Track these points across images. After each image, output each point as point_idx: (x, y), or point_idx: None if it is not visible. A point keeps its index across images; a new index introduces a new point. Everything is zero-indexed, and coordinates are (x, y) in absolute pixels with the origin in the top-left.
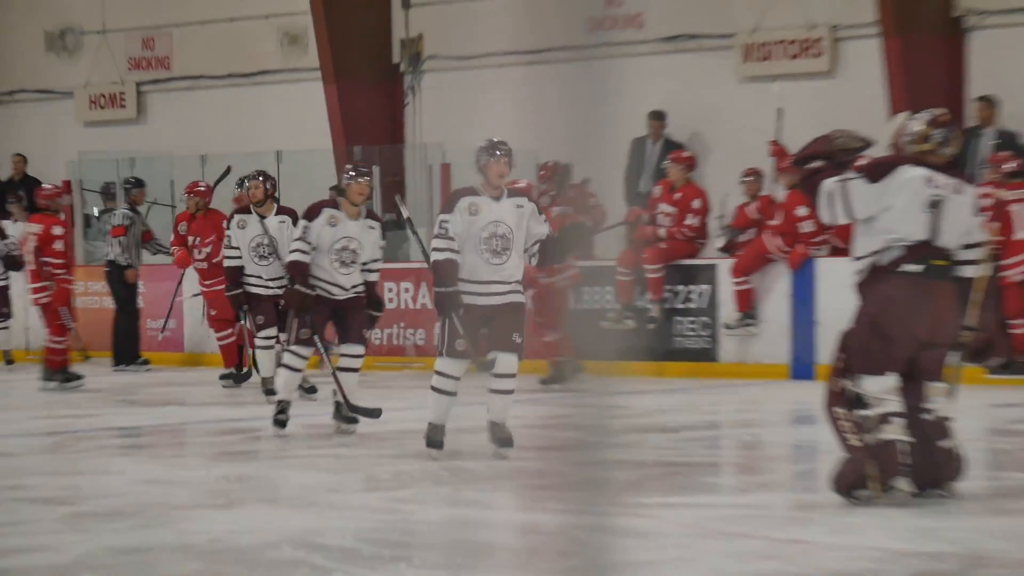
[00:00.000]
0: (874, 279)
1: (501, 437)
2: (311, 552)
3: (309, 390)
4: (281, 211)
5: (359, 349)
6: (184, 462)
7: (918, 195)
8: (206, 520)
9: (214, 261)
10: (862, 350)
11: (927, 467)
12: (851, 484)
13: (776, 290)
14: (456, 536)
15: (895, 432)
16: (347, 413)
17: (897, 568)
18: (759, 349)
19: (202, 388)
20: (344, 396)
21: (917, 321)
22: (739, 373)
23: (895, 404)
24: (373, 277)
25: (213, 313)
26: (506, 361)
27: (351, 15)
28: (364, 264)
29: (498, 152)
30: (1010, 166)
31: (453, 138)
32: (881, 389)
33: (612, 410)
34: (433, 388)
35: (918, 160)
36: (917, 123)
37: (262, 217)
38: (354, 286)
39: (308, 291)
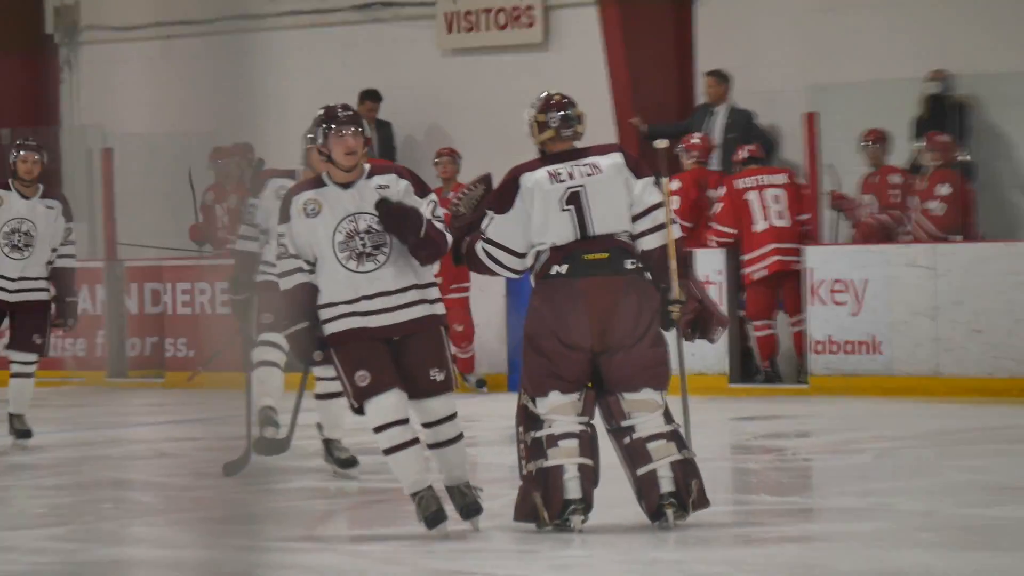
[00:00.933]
0: (534, 288)
1: (464, 504)
2: None
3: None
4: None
5: (29, 356)
6: None
7: (549, 197)
8: None
9: None
10: (524, 369)
11: (642, 492)
12: (524, 515)
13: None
14: None
15: (562, 456)
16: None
17: None
18: None
19: None
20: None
21: (570, 327)
22: None
23: (567, 423)
24: (66, 264)
25: None
26: (431, 408)
27: None
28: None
29: (342, 122)
30: (743, 154)
31: (116, 120)
32: (549, 408)
33: None
34: (385, 452)
35: (541, 157)
36: (528, 112)
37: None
38: (28, 278)
39: None
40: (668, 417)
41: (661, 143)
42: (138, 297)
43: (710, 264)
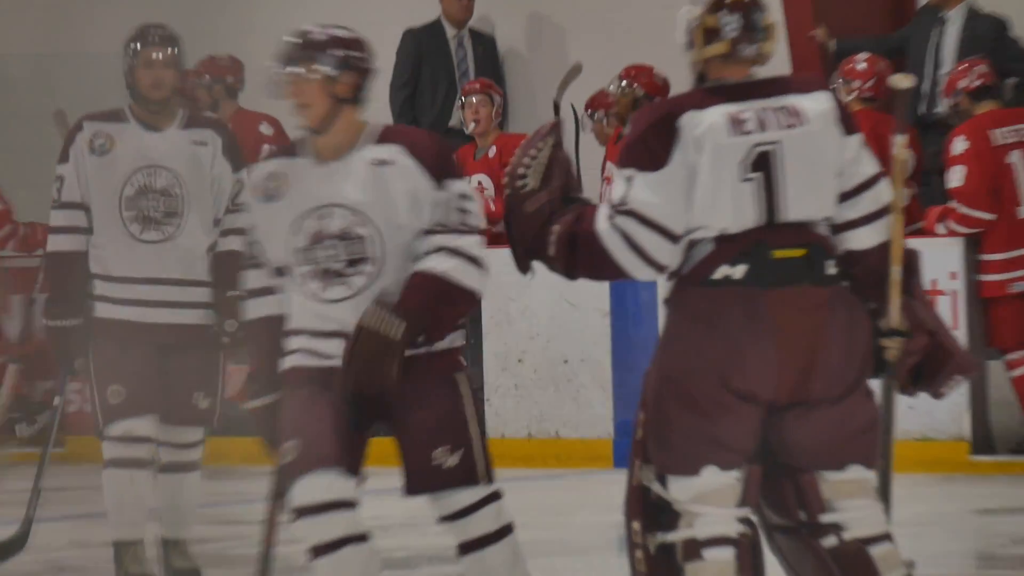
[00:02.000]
0: (677, 302)
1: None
2: None
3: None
4: None
5: (190, 434)
6: None
7: (725, 156)
8: None
9: None
10: (658, 431)
11: None
12: None
13: None
14: None
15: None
16: None
17: None
18: None
19: None
20: None
21: (748, 366)
22: None
23: (720, 521)
24: (232, 246)
25: None
26: (445, 501)
27: None
28: None
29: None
30: (972, 81)
31: None
32: (697, 494)
33: None
34: (310, 554)
35: (710, 88)
36: (689, 11)
37: None
38: (174, 280)
39: None
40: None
41: (903, 80)
42: None
43: (939, 264)
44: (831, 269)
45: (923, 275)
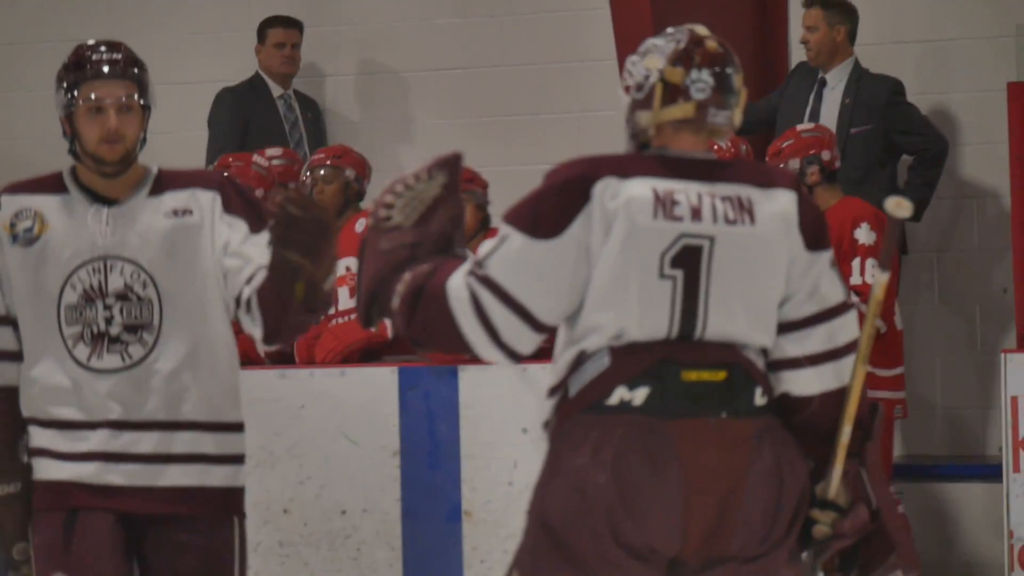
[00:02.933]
0: (560, 430)
1: None
2: None
3: None
4: None
5: None
6: None
7: (642, 242)
8: None
9: None
10: None
11: None
12: None
13: None
14: None
15: None
16: None
17: None
18: None
19: None
20: None
21: (650, 517)
22: None
23: None
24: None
25: None
26: None
27: None
28: None
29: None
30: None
31: None
32: None
33: None
34: None
35: (646, 155)
36: (646, 60)
37: None
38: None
39: None
40: None
41: (899, 208)
42: None
43: None
44: (760, 398)
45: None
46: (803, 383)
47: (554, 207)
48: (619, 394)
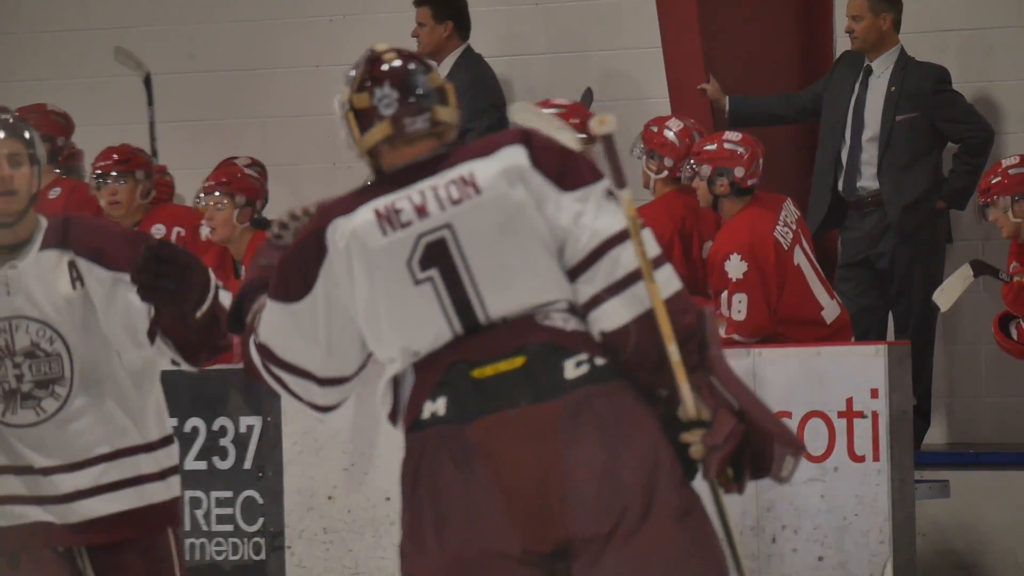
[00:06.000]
0: (404, 455)
1: None
2: None
3: None
4: None
5: None
6: None
7: (382, 263)
8: None
9: None
10: None
11: None
12: None
13: None
14: None
15: None
16: None
17: None
18: None
19: None
20: None
21: (481, 525)
22: None
23: None
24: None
25: None
26: None
27: None
28: None
29: None
30: None
31: None
32: None
33: None
34: None
35: (367, 185)
36: (343, 91)
37: None
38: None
39: None
40: None
41: (602, 124)
42: None
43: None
44: (574, 369)
45: (716, 335)
46: (611, 316)
47: (296, 269)
48: (428, 408)
